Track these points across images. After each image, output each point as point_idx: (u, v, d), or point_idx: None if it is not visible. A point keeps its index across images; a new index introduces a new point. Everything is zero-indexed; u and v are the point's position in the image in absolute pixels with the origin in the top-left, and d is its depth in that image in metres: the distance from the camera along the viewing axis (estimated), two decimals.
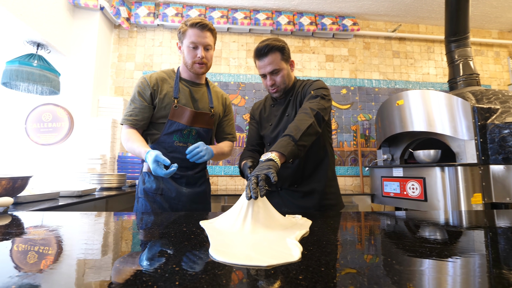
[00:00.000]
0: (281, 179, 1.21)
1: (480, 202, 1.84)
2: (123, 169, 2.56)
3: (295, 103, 1.23)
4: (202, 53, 1.20)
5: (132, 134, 1.19)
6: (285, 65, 1.20)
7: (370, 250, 0.51)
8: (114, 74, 2.91)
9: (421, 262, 0.43)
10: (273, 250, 0.49)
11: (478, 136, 1.92)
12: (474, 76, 2.47)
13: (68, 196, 1.48)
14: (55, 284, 0.34)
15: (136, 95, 1.22)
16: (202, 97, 1.31)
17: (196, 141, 1.27)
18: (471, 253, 0.49)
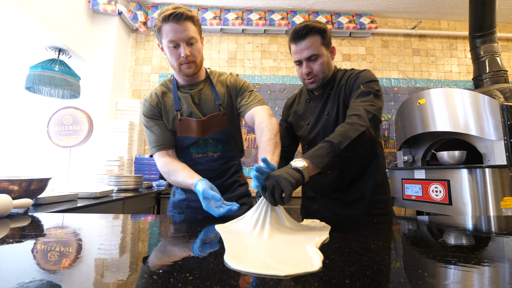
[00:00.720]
0: (321, 185, 1.10)
1: (510, 206, 1.72)
2: (140, 170, 2.60)
3: (337, 99, 1.07)
4: (186, 51, 0.98)
5: (169, 164, 1.03)
6: (325, 51, 1.04)
7: (397, 259, 0.47)
8: (131, 77, 2.97)
9: (454, 274, 0.39)
10: (292, 258, 0.46)
11: (508, 136, 1.79)
12: (501, 73, 2.32)
13: (86, 197, 1.51)
14: (74, 284, 0.33)
15: (148, 122, 1.11)
16: (206, 98, 1.12)
17: (216, 148, 1.13)
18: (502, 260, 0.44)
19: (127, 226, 0.73)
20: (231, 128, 1.15)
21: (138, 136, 2.73)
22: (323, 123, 1.08)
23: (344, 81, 1.07)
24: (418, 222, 0.80)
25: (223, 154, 1.14)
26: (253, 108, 1.07)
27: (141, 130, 2.81)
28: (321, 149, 0.79)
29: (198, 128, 1.08)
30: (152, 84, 2.99)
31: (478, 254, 0.50)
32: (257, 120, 1.03)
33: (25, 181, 0.98)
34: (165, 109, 1.11)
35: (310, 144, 1.12)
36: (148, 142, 1.11)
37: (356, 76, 1.03)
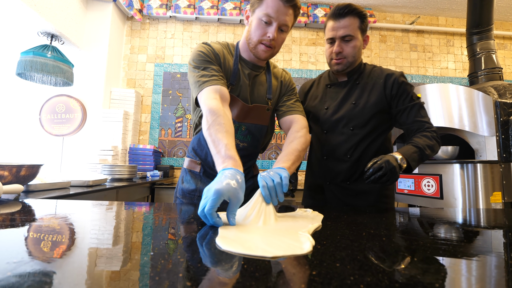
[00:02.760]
0: (333, 172, 1.10)
1: (500, 201, 1.76)
2: (134, 161, 2.59)
3: (368, 91, 1.08)
4: (274, 33, 0.91)
5: (221, 116, 0.80)
6: (360, 36, 1.05)
7: (388, 246, 0.48)
8: (126, 66, 2.92)
9: (442, 260, 0.40)
10: (282, 242, 0.47)
11: (500, 132, 1.82)
12: (496, 70, 2.34)
13: (79, 185, 1.50)
14: (63, 272, 0.33)
15: (203, 63, 0.93)
16: (260, 85, 1.05)
17: (245, 138, 1.06)
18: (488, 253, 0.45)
19: (120, 213, 0.73)
20: (269, 126, 1.11)
21: (132, 126, 2.70)
22: (348, 111, 1.08)
23: (379, 79, 1.08)
24: (413, 214, 0.82)
25: (248, 146, 1.08)
26: (295, 114, 1.05)
27: (135, 120, 2.77)
28: (415, 154, 0.95)
29: (240, 111, 1.00)
30: (148, 74, 2.95)
31: (465, 243, 0.51)
32: (295, 127, 1.01)
33: (16, 167, 0.97)
34: (223, 68, 0.99)
35: (330, 129, 1.12)
36: (193, 81, 0.91)
37: (399, 81, 1.07)
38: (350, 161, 1.08)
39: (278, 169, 0.78)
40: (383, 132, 1.10)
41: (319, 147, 1.15)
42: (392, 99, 1.06)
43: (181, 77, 2.97)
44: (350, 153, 1.08)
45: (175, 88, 2.95)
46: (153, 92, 2.93)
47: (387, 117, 1.10)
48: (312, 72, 3.13)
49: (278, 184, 0.70)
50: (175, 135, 2.92)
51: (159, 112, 2.92)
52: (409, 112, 1.05)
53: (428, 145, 0.98)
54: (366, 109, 1.06)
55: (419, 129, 1.04)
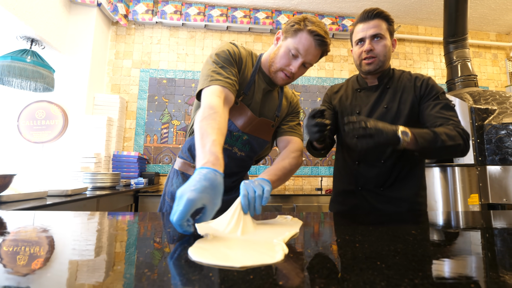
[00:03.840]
0: (365, 177, 1.08)
1: (477, 203, 1.82)
2: (118, 168, 2.53)
3: (399, 96, 1.07)
4: (297, 68, 0.94)
5: (217, 113, 0.77)
6: (389, 36, 1.05)
7: (360, 252, 0.49)
8: (111, 72, 2.88)
9: (415, 267, 0.41)
10: (256, 251, 0.47)
11: (476, 136, 1.90)
12: (472, 77, 2.45)
13: (56, 195, 1.45)
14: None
15: (224, 61, 0.92)
16: (271, 101, 1.07)
17: (244, 147, 1.05)
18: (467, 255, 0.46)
19: (96, 223, 0.71)
20: (270, 142, 1.12)
21: (116, 133, 2.65)
22: (380, 115, 1.06)
23: (409, 83, 1.08)
24: (392, 216, 0.83)
25: (245, 156, 1.07)
26: (294, 136, 1.07)
27: (120, 126, 2.72)
28: (427, 134, 0.87)
29: (247, 121, 0.99)
30: (133, 79, 2.91)
31: (440, 247, 0.53)
32: (291, 147, 1.03)
33: None
34: (242, 74, 0.98)
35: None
36: (206, 75, 0.88)
37: (428, 83, 1.05)
38: (384, 166, 1.05)
39: (262, 181, 0.78)
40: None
41: (350, 153, 1.13)
42: (421, 100, 1.05)
43: (167, 82, 2.95)
44: (384, 158, 1.05)
45: (161, 94, 2.93)
46: (138, 98, 2.89)
47: (418, 121, 1.07)
48: (299, 79, 3.18)
49: (259, 196, 0.70)
50: (161, 141, 2.88)
51: (145, 118, 2.88)
52: (433, 108, 1.00)
53: (446, 133, 0.89)
54: (399, 113, 1.05)
55: (442, 124, 0.95)
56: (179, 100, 2.95)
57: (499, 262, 0.44)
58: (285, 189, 2.94)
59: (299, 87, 3.16)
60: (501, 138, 1.84)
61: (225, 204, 1.03)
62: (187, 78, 2.98)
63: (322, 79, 3.21)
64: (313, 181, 3.04)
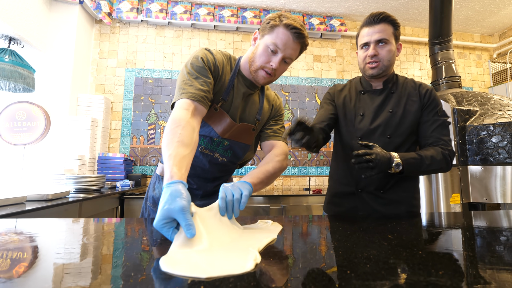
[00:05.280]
0: (366, 180, 1.09)
1: (458, 202, 1.86)
2: (104, 170, 2.48)
3: (403, 101, 1.08)
4: (278, 64, 0.92)
5: (182, 126, 0.76)
6: (394, 41, 1.06)
7: (333, 260, 0.48)
8: (95, 71, 2.81)
9: (384, 276, 0.41)
10: (228, 260, 0.46)
11: (458, 137, 1.94)
12: (455, 78, 2.50)
13: (36, 200, 1.41)
14: None
15: (199, 70, 0.91)
16: (252, 104, 1.05)
17: (226, 153, 1.04)
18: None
19: (69, 229, 0.68)
20: (252, 146, 1.10)
21: (101, 134, 2.59)
22: (385, 119, 1.08)
23: (414, 90, 1.10)
24: (370, 219, 0.84)
25: (227, 162, 1.06)
26: (278, 140, 1.07)
27: (105, 127, 2.67)
28: (414, 160, 0.96)
29: (226, 128, 0.99)
30: (118, 79, 2.85)
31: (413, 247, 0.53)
32: (276, 151, 1.03)
33: None
34: (219, 80, 0.97)
35: (365, 136, 1.10)
36: (179, 87, 0.89)
37: (431, 94, 1.09)
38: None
39: (243, 184, 0.78)
40: (416, 141, 1.11)
41: (351, 154, 1.10)
42: (423, 109, 1.07)
43: (154, 82, 2.90)
44: None
45: (147, 94, 2.88)
46: (124, 98, 2.83)
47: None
48: (287, 79, 3.18)
49: (237, 200, 0.70)
50: (147, 143, 2.83)
51: (131, 119, 2.83)
52: (430, 126, 1.05)
53: (432, 156, 0.97)
54: (404, 118, 1.07)
55: (432, 143, 1.03)
56: (166, 100, 2.91)
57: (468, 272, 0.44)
58: (274, 189, 2.94)
59: (287, 87, 3.16)
60: (482, 139, 1.88)
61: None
62: (174, 78, 2.94)
63: (310, 79, 3.22)
64: (301, 181, 3.05)
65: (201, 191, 1.07)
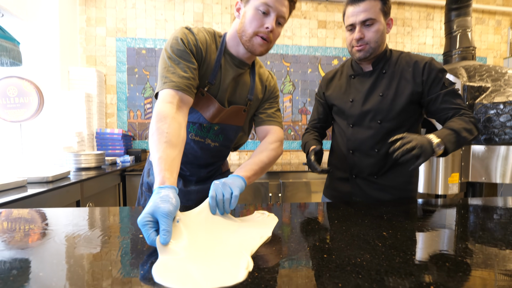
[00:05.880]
0: (359, 166, 1.09)
1: (457, 182, 1.87)
2: (103, 146, 2.48)
3: (396, 81, 1.02)
4: (273, 24, 0.83)
5: (167, 124, 0.73)
6: (382, 19, 0.98)
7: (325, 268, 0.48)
8: (83, 41, 2.64)
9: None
10: (220, 268, 0.47)
11: None
12: (470, 49, 2.33)
13: (37, 182, 1.42)
14: None
15: (180, 50, 0.84)
16: (242, 85, 0.99)
17: (217, 138, 1.01)
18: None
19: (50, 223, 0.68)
20: (244, 126, 1.06)
21: (97, 109, 2.53)
22: (375, 103, 1.03)
23: (408, 67, 1.01)
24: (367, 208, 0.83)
25: (219, 146, 1.03)
26: (273, 125, 1.03)
27: (100, 102, 2.59)
28: (452, 137, 0.89)
29: (215, 113, 0.94)
30: (109, 50, 2.69)
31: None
32: (270, 138, 1.00)
33: None
34: (204, 62, 0.90)
35: (356, 123, 1.08)
36: (161, 75, 0.83)
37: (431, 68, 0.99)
38: (379, 155, 1.05)
39: (235, 180, 0.77)
40: (413, 124, 1.06)
41: (344, 141, 1.12)
42: (424, 86, 0.99)
43: (147, 53, 2.75)
44: (378, 147, 1.05)
45: (141, 66, 2.74)
46: (117, 71, 2.71)
47: (417, 107, 1.04)
48: (289, 48, 2.99)
49: (227, 200, 0.71)
50: (145, 117, 2.78)
51: (126, 93, 2.73)
52: (442, 99, 0.98)
53: (465, 128, 0.91)
54: (395, 101, 1.02)
55: (454, 114, 0.98)
56: None
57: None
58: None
59: (288, 57, 2.99)
60: (490, 118, 1.82)
61: (200, 193, 1.05)
62: None
63: (314, 48, 3.03)
64: (301, 155, 3.05)
65: (194, 177, 1.07)
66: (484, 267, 0.49)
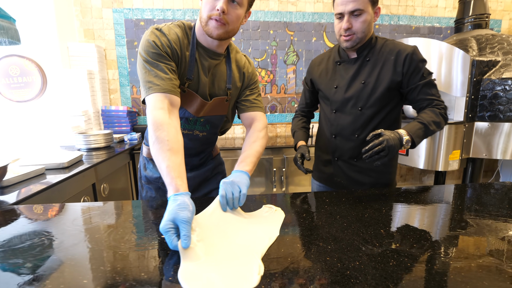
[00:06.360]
0: (341, 150, 1.17)
1: (457, 158, 1.93)
2: (109, 123, 2.52)
3: (378, 69, 1.07)
4: (223, 5, 0.82)
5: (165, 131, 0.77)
6: (370, 8, 1.01)
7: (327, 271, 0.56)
8: (79, 14, 2.52)
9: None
10: (236, 273, 0.55)
11: (471, 92, 1.86)
12: (484, 16, 2.22)
13: (53, 168, 1.49)
14: None
15: (155, 57, 0.85)
16: (220, 76, 1.01)
17: (204, 128, 1.06)
18: None
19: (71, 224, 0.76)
20: (229, 114, 1.11)
21: (100, 86, 2.51)
22: (357, 91, 1.09)
23: (390, 55, 1.06)
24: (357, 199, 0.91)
25: (207, 135, 1.10)
26: (256, 112, 1.08)
27: (102, 78, 2.57)
28: (420, 131, 1.00)
29: (199, 107, 0.98)
30: (106, 22, 2.58)
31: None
32: (256, 126, 1.05)
33: None
34: (180, 60, 0.92)
35: (339, 109, 1.15)
36: (144, 80, 0.85)
37: (412, 58, 1.04)
38: (358, 140, 1.13)
39: (242, 177, 0.84)
40: (393, 109, 1.12)
41: (328, 126, 1.20)
42: (403, 77, 1.06)
43: (145, 24, 2.63)
44: (358, 133, 1.13)
45: (140, 39, 2.65)
46: (116, 45, 2.63)
47: (397, 94, 1.10)
48: (292, 15, 2.85)
49: (236, 198, 0.78)
50: None
51: (127, 68, 2.69)
52: (420, 90, 1.06)
53: (434, 121, 1.02)
54: (375, 89, 1.07)
55: (428, 105, 1.07)
56: None
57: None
58: (277, 136, 3.00)
59: (292, 25, 2.85)
60: (497, 94, 1.81)
61: (196, 179, 1.15)
62: (167, 19, 2.65)
63: (319, 15, 2.87)
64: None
65: (188, 166, 1.13)
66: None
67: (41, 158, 1.57)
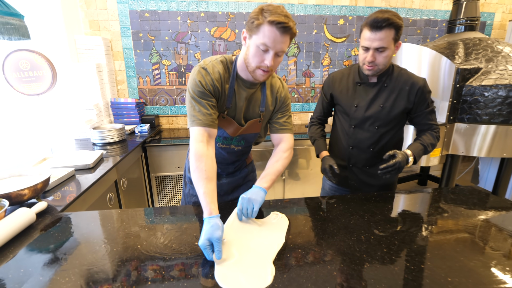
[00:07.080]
0: (356, 159, 1.38)
1: (438, 155, 2.18)
2: (119, 115, 2.64)
3: (394, 95, 1.26)
4: (272, 61, 0.95)
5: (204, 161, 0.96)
6: (393, 45, 1.15)
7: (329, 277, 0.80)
8: (84, 5, 2.52)
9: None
10: (255, 272, 0.75)
11: (453, 97, 2.06)
12: (475, 19, 2.34)
13: (80, 169, 1.63)
14: None
15: (201, 94, 1.02)
16: (254, 102, 1.15)
17: (240, 143, 1.22)
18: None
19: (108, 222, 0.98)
20: (261, 131, 1.25)
21: (108, 78, 2.60)
22: (376, 112, 1.28)
23: (405, 85, 1.25)
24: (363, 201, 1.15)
25: (242, 148, 1.25)
26: (285, 134, 1.20)
27: (110, 70, 2.64)
28: (421, 152, 1.25)
29: (235, 129, 1.15)
30: (111, 13, 2.59)
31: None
32: (283, 146, 1.17)
33: (33, 186, 1.12)
34: (221, 94, 1.08)
35: (358, 125, 1.34)
36: (190, 114, 1.03)
37: (423, 91, 1.25)
38: (372, 152, 1.35)
39: (258, 195, 1.00)
40: (400, 128, 1.36)
41: (346, 138, 1.39)
42: (414, 105, 1.27)
43: (150, 16, 2.66)
44: (373, 147, 1.34)
45: (146, 30, 2.68)
46: (122, 36, 2.66)
47: (405, 116, 1.34)
48: (294, 7, 2.89)
49: (250, 213, 0.98)
50: (154, 83, 2.86)
51: (133, 59, 2.75)
52: (424, 116, 1.30)
53: (431, 143, 1.28)
54: (391, 112, 1.28)
55: (428, 129, 1.33)
56: (166, 37, 2.74)
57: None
58: None
59: (294, 17, 2.90)
60: (476, 99, 2.01)
61: (231, 184, 1.37)
62: (171, 10, 2.67)
63: (321, 8, 2.92)
64: (303, 116, 3.26)
65: (225, 173, 1.36)
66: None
67: (67, 158, 1.71)
